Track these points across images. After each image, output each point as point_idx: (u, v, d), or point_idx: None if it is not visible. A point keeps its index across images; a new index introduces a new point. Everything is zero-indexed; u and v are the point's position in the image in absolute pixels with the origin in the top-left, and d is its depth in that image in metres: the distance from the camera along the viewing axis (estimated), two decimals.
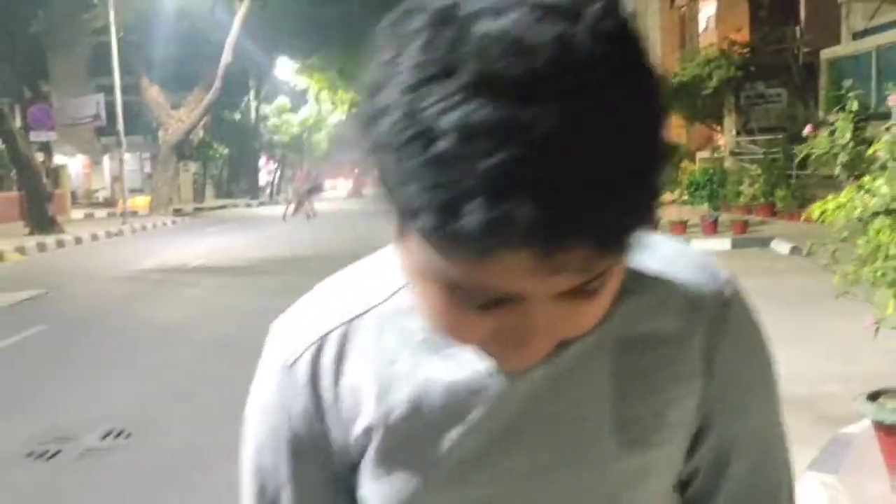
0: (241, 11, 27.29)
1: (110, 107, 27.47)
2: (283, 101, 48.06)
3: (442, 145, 0.45)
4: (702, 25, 22.11)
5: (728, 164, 17.13)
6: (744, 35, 18.43)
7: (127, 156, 26.65)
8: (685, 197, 14.09)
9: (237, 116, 41.62)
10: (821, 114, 12.26)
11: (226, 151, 41.73)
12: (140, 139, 33.10)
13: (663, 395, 0.66)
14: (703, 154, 19.57)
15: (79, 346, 7.34)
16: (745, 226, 12.83)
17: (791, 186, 14.26)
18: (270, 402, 0.70)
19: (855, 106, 2.84)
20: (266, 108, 46.51)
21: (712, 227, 12.67)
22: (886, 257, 2.90)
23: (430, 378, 0.65)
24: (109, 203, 34.10)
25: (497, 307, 0.53)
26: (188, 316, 8.72)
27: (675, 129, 20.58)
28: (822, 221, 3.17)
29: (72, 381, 5.99)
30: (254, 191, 43.45)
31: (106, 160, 38.59)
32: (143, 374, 6.19)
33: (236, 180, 44.96)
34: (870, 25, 14.23)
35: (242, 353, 6.39)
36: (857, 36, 14.75)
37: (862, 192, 2.85)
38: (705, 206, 13.35)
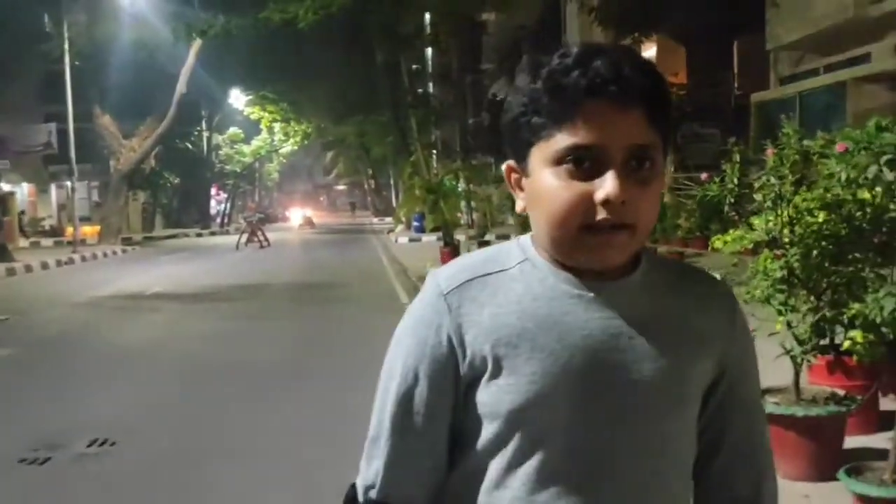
0: (197, 43, 27.64)
1: (61, 135, 27.45)
2: (235, 131, 48.22)
3: (557, 74, 0.92)
4: None
5: (667, 199, 18.06)
6: (681, 78, 19.55)
7: (76, 184, 26.57)
8: None
9: (189, 146, 41.62)
10: (750, 153, 13.20)
11: (177, 180, 41.63)
12: (89, 167, 32.84)
13: (697, 350, 0.99)
14: None
15: (51, 367, 7.64)
16: (681, 258, 13.63)
17: (724, 221, 15.14)
18: (425, 316, 1.00)
19: (738, 157, 3.54)
20: (218, 138, 46.58)
21: None
22: (770, 280, 3.57)
23: (540, 314, 0.96)
24: (56, 232, 33.76)
25: (592, 173, 0.90)
26: (154, 339, 9.07)
27: None
28: (721, 251, 3.84)
29: (50, 398, 6.33)
30: (205, 220, 43.29)
31: (53, 188, 38.20)
32: (118, 390, 6.55)
33: (186, 209, 44.77)
34: (796, 72, 15.32)
35: (209, 372, 7.13)
36: (783, 81, 15.83)
37: (747, 228, 3.53)
38: None
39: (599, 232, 0.91)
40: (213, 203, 47.86)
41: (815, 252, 3.43)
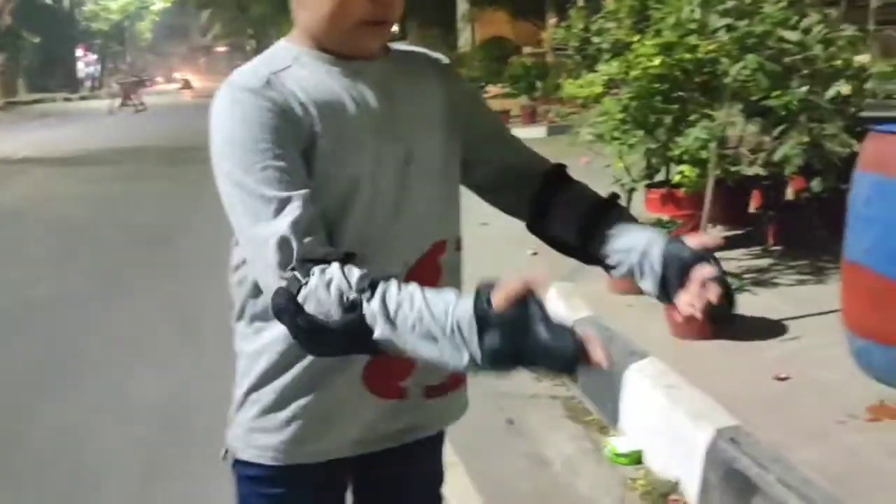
0: None
1: None
2: None
3: None
4: None
5: (550, 59, 18.32)
6: None
7: None
8: (508, 89, 15.19)
9: (48, 1, 38.30)
10: None
11: (37, 40, 38.48)
12: None
13: (433, 103, 1.24)
14: (528, 49, 20.70)
15: None
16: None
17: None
18: (254, 102, 1.10)
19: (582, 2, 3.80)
20: None
21: (530, 117, 13.82)
22: (609, 120, 3.94)
23: (332, 90, 1.14)
24: None
25: None
26: (27, 199, 8.88)
27: (502, 24, 21.54)
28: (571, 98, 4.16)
29: None
30: (72, 84, 40.59)
31: None
32: None
33: (51, 72, 41.65)
34: None
35: (86, 230, 7.15)
36: None
37: (591, 73, 3.85)
38: (525, 98, 14.49)
39: (371, 26, 1.13)
40: (80, 66, 44.77)
41: (648, 92, 3.79)
